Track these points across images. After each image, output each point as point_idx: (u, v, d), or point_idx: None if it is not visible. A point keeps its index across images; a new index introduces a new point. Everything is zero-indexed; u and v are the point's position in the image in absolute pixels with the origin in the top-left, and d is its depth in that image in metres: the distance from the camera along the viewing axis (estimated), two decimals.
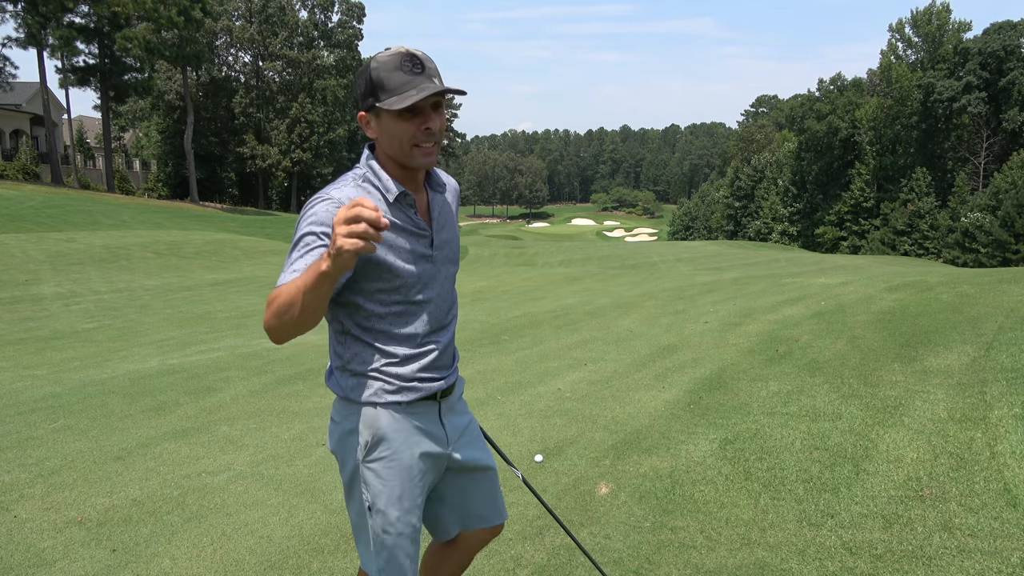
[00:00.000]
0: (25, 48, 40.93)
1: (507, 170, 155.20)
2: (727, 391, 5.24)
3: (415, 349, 1.90)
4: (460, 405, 2.11)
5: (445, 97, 1.80)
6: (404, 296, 1.86)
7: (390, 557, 1.94)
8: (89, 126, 66.18)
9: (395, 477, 1.90)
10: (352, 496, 1.94)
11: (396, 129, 1.77)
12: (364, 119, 1.83)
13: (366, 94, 1.78)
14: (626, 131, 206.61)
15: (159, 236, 26.55)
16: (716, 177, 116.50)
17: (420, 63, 1.75)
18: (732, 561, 3.02)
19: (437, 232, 1.93)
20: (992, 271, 10.45)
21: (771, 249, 54.18)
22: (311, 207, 1.76)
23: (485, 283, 16.09)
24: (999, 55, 59.16)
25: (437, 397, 1.97)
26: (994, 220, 49.41)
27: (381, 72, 1.75)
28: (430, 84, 1.74)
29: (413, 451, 1.92)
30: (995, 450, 3.72)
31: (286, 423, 5.20)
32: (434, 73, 1.77)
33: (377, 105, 1.76)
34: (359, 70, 1.83)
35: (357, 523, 1.96)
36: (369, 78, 1.76)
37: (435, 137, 1.80)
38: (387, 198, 1.83)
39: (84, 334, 10.40)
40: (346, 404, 1.91)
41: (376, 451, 1.89)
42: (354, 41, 63.72)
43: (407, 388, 1.90)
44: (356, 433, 1.89)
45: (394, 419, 1.89)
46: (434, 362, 1.94)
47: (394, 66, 1.74)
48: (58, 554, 3.34)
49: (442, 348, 1.96)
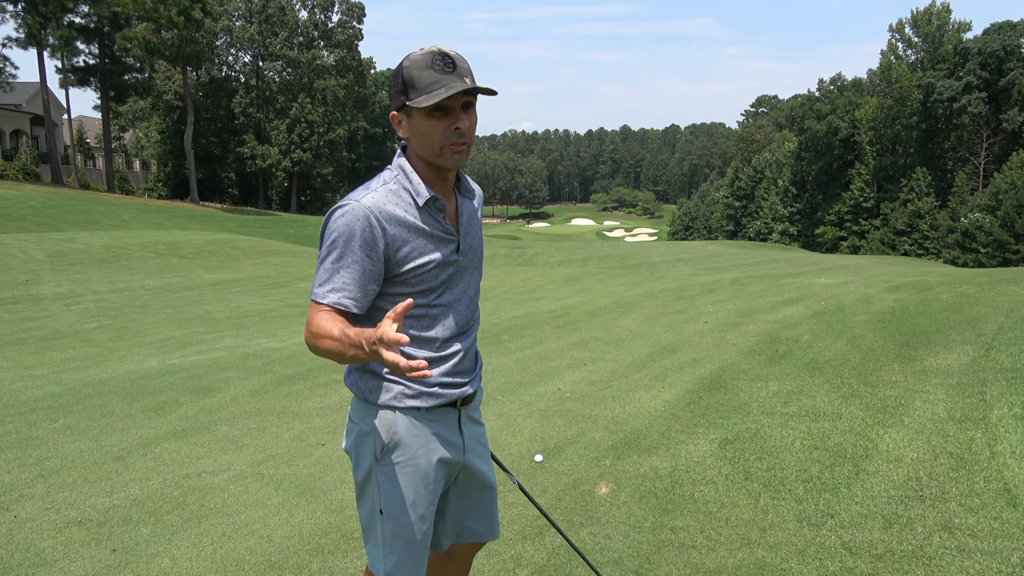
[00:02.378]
0: (25, 48, 41.01)
1: (507, 170, 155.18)
2: (727, 391, 5.24)
3: (437, 353, 1.88)
4: (477, 413, 2.08)
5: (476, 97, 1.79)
6: (428, 300, 1.85)
7: (399, 562, 1.91)
8: (89, 126, 66.19)
9: (409, 483, 1.88)
10: (364, 497, 1.92)
11: (426, 128, 1.75)
12: (396, 118, 1.81)
13: (398, 93, 1.77)
14: (626, 131, 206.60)
15: (159, 236, 26.55)
16: (716, 177, 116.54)
17: (452, 62, 1.73)
18: (732, 561, 3.02)
19: (463, 237, 1.92)
20: (992, 271, 10.45)
21: (771, 249, 54.18)
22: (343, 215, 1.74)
23: (485, 283, 16.09)
24: (999, 55, 59.14)
25: (457, 404, 1.95)
26: (994, 220, 49.40)
27: (412, 71, 1.73)
28: (459, 83, 1.71)
29: (430, 458, 1.89)
30: (995, 450, 3.72)
31: (286, 423, 5.20)
32: (466, 72, 1.74)
33: (407, 103, 1.75)
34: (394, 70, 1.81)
35: (368, 524, 1.94)
36: (401, 77, 1.75)
37: (465, 137, 1.77)
38: (416, 202, 1.81)
39: (84, 334, 10.40)
40: (364, 405, 1.89)
41: (392, 455, 1.87)
42: (354, 41, 63.74)
43: (427, 393, 1.88)
44: (373, 435, 1.87)
45: (412, 424, 1.87)
46: (456, 367, 1.92)
47: (425, 64, 1.72)
48: (58, 554, 3.34)
49: (464, 353, 1.94)
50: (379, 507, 1.89)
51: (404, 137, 1.82)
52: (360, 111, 73.07)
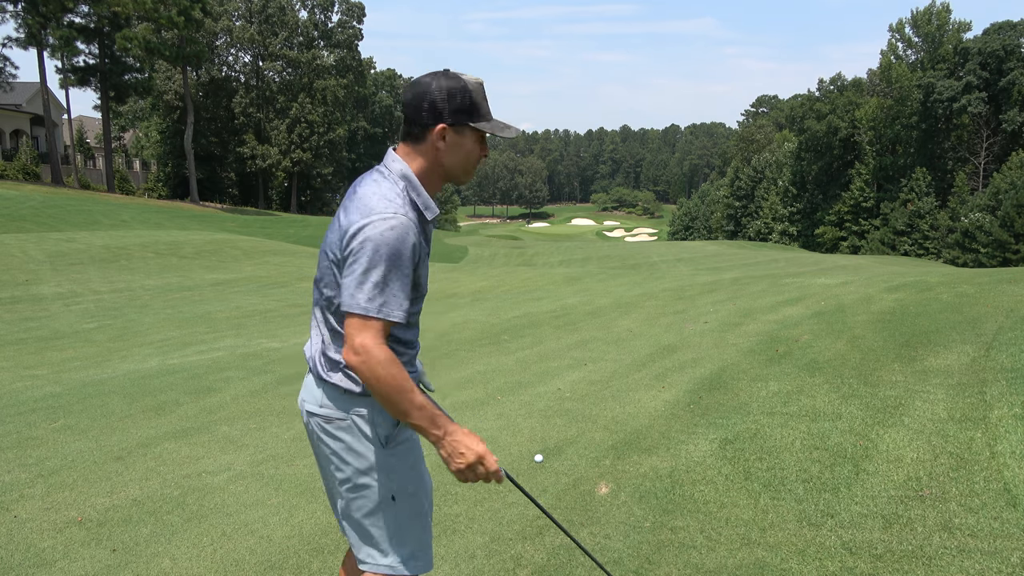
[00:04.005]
0: (25, 48, 40.97)
1: (507, 170, 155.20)
2: (727, 391, 5.24)
3: (409, 351, 1.99)
4: None
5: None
6: (416, 307, 1.95)
7: (419, 539, 1.96)
8: (89, 126, 66.17)
9: (416, 458, 1.98)
10: (367, 492, 1.92)
11: (471, 149, 1.91)
12: (443, 130, 1.86)
13: (460, 111, 1.85)
14: (626, 131, 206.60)
15: (159, 236, 26.55)
16: (716, 177, 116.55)
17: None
18: (732, 561, 3.02)
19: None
20: (992, 271, 10.45)
21: (771, 249, 54.18)
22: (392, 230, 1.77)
23: (485, 283, 16.08)
24: (999, 55, 59.14)
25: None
26: (994, 220, 49.41)
27: (476, 97, 1.86)
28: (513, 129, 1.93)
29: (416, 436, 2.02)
30: (995, 450, 3.72)
31: (286, 423, 5.20)
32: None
33: (472, 125, 1.87)
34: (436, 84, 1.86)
35: (370, 522, 1.93)
36: (469, 98, 1.85)
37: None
38: (426, 216, 1.90)
39: (84, 334, 10.40)
40: (354, 398, 1.90)
41: (399, 437, 1.94)
42: (354, 41, 63.72)
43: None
44: (373, 424, 1.90)
45: None
46: (412, 361, 2.03)
47: (483, 96, 1.89)
48: (58, 554, 3.34)
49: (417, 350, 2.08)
50: (392, 494, 1.92)
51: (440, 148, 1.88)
52: (360, 111, 73.02)
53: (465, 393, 5.68)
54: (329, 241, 1.88)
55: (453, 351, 7.47)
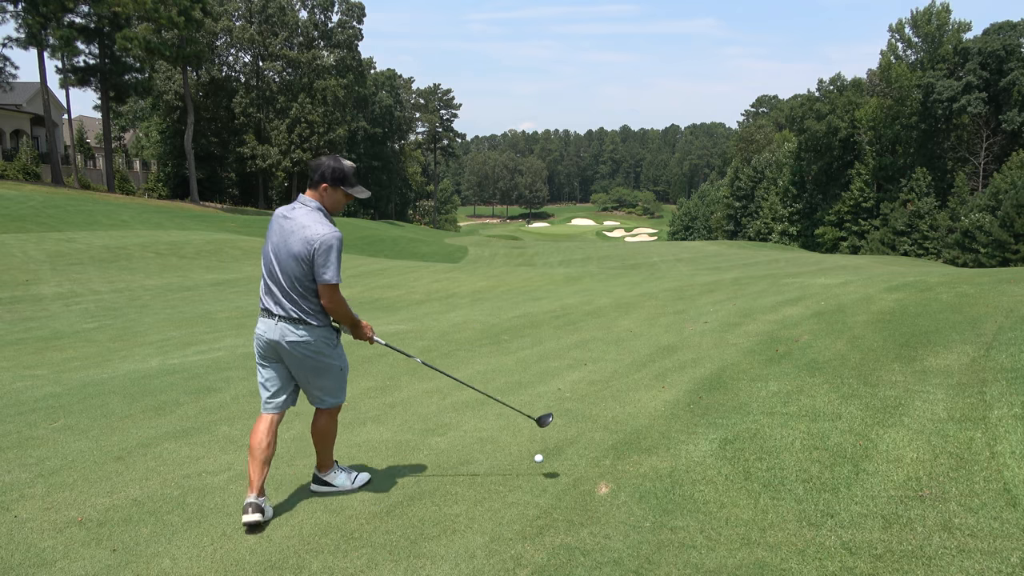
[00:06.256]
0: (25, 48, 40.97)
1: (507, 170, 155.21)
2: (727, 391, 5.24)
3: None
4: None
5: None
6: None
7: (345, 388, 3.92)
8: (89, 126, 66.18)
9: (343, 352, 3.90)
10: (329, 372, 3.75)
11: (341, 199, 3.72)
12: (328, 188, 3.64)
13: (338, 180, 3.64)
14: (626, 131, 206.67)
15: (159, 236, 26.56)
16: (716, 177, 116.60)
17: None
18: (732, 561, 3.02)
19: None
20: (992, 271, 10.45)
21: (771, 249, 54.21)
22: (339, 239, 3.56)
23: (485, 283, 16.08)
24: (999, 55, 59.14)
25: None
26: (994, 220, 49.42)
27: (348, 172, 3.66)
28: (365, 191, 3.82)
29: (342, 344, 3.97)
30: (995, 450, 3.72)
31: (286, 423, 5.20)
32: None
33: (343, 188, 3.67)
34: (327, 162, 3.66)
35: (334, 384, 3.81)
36: (343, 172, 3.64)
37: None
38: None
39: (84, 334, 10.40)
40: (323, 329, 3.67)
41: (339, 343, 3.83)
42: (354, 41, 63.74)
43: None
44: (332, 337, 3.74)
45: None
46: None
47: (353, 172, 3.68)
48: (58, 554, 3.34)
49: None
50: (341, 366, 3.81)
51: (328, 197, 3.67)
52: (360, 111, 73.05)
53: (465, 393, 5.68)
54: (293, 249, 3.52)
55: (453, 351, 7.47)
